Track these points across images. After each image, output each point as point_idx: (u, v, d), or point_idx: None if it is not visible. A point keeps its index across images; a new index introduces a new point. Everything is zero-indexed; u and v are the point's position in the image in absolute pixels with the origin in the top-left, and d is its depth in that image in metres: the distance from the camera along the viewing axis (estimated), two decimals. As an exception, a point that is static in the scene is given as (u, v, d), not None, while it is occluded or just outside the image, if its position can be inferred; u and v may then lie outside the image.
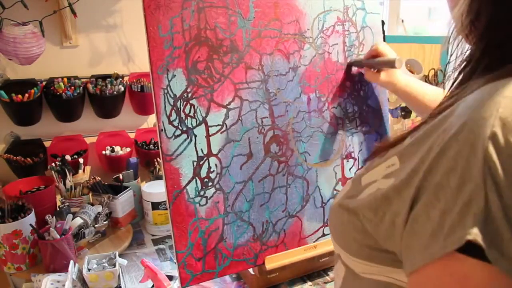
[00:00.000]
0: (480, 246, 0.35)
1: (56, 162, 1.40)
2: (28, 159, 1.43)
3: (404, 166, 0.43)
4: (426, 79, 1.64)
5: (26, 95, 1.40)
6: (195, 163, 0.90)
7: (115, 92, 1.54)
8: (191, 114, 0.89)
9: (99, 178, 1.41)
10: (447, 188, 0.37)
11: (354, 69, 1.11)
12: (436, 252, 0.37)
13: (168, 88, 0.87)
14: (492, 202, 0.35)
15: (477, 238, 0.35)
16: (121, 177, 1.41)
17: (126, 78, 1.61)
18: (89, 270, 1.05)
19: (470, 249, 0.35)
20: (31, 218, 1.13)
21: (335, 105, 1.07)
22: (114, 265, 1.06)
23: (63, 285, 0.97)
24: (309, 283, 1.05)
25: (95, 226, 1.25)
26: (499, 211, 0.34)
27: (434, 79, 1.62)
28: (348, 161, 1.10)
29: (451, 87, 0.49)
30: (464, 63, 0.47)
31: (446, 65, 0.50)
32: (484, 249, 0.34)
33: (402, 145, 0.47)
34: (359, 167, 1.12)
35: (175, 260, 0.89)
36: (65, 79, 1.49)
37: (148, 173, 1.55)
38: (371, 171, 0.50)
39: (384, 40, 1.17)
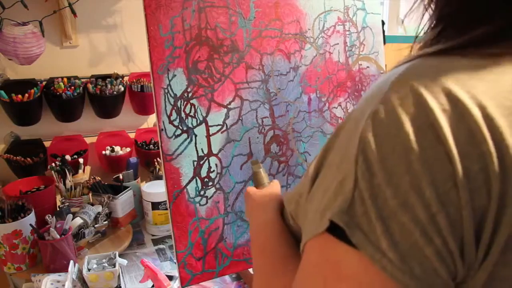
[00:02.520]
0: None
1: (56, 162, 1.40)
2: (28, 159, 1.43)
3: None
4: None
5: (26, 95, 1.40)
6: (195, 163, 0.90)
7: (115, 92, 1.54)
8: (192, 113, 0.89)
9: (99, 178, 1.41)
10: (332, 166, 0.36)
11: (355, 69, 1.11)
12: (311, 232, 0.36)
13: (169, 87, 0.87)
14: (361, 181, 0.32)
15: (335, 218, 0.33)
16: (121, 177, 1.41)
17: (126, 78, 1.61)
18: (89, 270, 1.05)
19: (340, 231, 0.33)
20: (31, 218, 1.13)
21: (335, 105, 1.07)
22: (114, 265, 1.06)
23: (63, 285, 0.97)
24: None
25: (95, 226, 1.25)
26: (367, 191, 0.32)
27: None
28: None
29: None
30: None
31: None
32: (346, 231, 0.32)
33: None
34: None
35: (175, 260, 0.89)
36: (65, 79, 1.49)
37: (148, 173, 1.54)
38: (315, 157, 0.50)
39: (384, 40, 1.17)
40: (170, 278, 1.07)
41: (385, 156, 0.32)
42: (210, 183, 0.91)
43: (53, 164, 1.38)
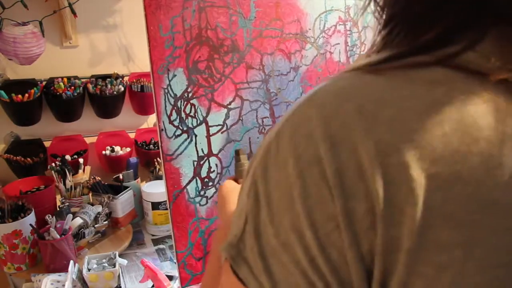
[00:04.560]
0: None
1: (56, 162, 1.40)
2: (28, 159, 1.43)
3: None
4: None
5: (26, 95, 1.40)
6: (195, 163, 0.89)
7: (115, 92, 1.54)
8: (192, 113, 0.89)
9: (99, 178, 1.41)
10: (242, 193, 0.33)
11: (355, 69, 1.10)
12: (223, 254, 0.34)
13: (169, 87, 0.87)
14: (250, 215, 0.31)
15: (224, 251, 0.32)
16: (121, 177, 1.41)
17: (126, 78, 1.61)
18: (89, 270, 1.05)
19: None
20: (31, 218, 1.13)
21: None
22: (114, 265, 1.06)
23: (63, 285, 0.97)
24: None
25: (95, 226, 1.25)
26: (252, 226, 0.30)
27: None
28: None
29: None
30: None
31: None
32: (231, 265, 0.32)
33: None
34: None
35: (175, 260, 0.89)
36: (65, 79, 1.49)
37: (148, 173, 1.54)
38: None
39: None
40: (170, 278, 1.07)
41: (271, 191, 0.30)
42: (210, 183, 0.91)
43: (53, 164, 1.38)
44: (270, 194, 0.30)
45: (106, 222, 1.28)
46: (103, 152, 1.59)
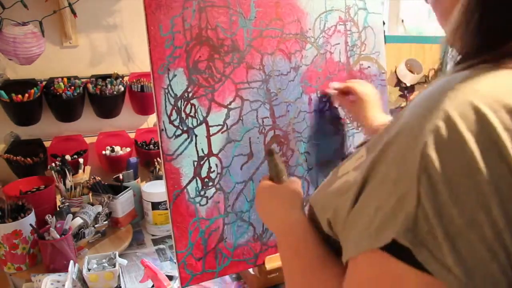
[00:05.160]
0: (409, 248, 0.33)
1: (56, 162, 1.39)
2: (28, 159, 1.43)
3: (367, 159, 0.42)
4: (426, 78, 1.64)
5: (26, 95, 1.40)
6: (195, 163, 0.89)
7: (115, 92, 1.54)
8: (192, 113, 0.89)
9: (99, 178, 1.41)
10: (385, 182, 0.36)
11: (356, 69, 1.10)
12: (365, 247, 0.36)
13: (169, 87, 0.87)
14: (425, 199, 0.32)
15: (400, 237, 0.33)
16: (121, 177, 1.41)
17: (126, 78, 1.61)
18: (89, 270, 1.05)
19: (400, 249, 0.34)
20: (31, 218, 1.13)
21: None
22: (114, 265, 1.06)
23: (63, 285, 0.97)
24: (310, 283, 1.05)
25: (95, 226, 1.25)
26: (431, 210, 0.32)
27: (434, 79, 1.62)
28: (348, 161, 1.10)
29: None
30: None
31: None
32: (411, 249, 0.33)
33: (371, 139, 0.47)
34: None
35: (175, 260, 0.89)
36: (65, 79, 1.49)
37: (148, 173, 1.54)
38: (346, 163, 0.50)
39: (384, 40, 1.17)
40: (170, 278, 1.07)
41: (450, 175, 0.32)
42: (211, 183, 0.91)
43: (53, 164, 1.38)
44: (450, 177, 0.32)
45: (106, 222, 1.28)
46: (103, 152, 1.59)
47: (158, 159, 1.50)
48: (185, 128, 0.88)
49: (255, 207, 0.71)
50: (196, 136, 0.89)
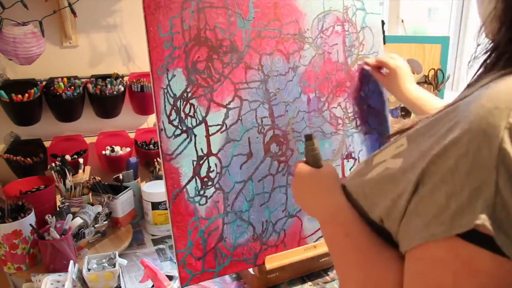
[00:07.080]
0: (485, 233, 0.36)
1: (56, 162, 1.40)
2: (28, 159, 1.43)
3: (411, 148, 0.45)
4: (426, 79, 1.64)
5: (26, 95, 1.40)
6: (195, 163, 0.90)
7: (115, 92, 1.54)
8: (191, 113, 0.89)
9: (99, 178, 1.41)
10: (456, 173, 0.38)
11: (354, 69, 1.11)
12: (439, 233, 0.39)
13: (168, 87, 0.87)
14: (504, 189, 0.36)
15: (485, 223, 0.36)
16: (121, 177, 1.41)
17: (126, 78, 1.61)
18: (89, 270, 1.05)
19: (474, 234, 0.37)
20: (31, 218, 1.13)
21: (335, 105, 1.07)
22: (114, 265, 1.06)
23: (63, 285, 0.97)
24: (309, 283, 1.05)
25: (95, 226, 1.25)
26: (511, 198, 0.36)
27: (434, 79, 1.62)
28: (348, 161, 1.10)
29: (472, 78, 0.50)
30: (487, 55, 0.48)
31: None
32: (493, 235, 0.36)
33: (412, 129, 0.49)
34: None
35: (175, 260, 0.89)
36: (65, 79, 1.49)
37: (148, 173, 1.55)
38: (382, 151, 0.52)
39: (384, 40, 1.18)
40: (170, 278, 1.07)
41: None
42: (210, 183, 0.91)
43: (53, 164, 1.38)
44: None
45: (106, 222, 1.28)
46: (103, 152, 1.59)
47: (158, 159, 1.50)
48: (184, 128, 0.89)
49: (293, 193, 0.70)
50: (195, 135, 0.90)
